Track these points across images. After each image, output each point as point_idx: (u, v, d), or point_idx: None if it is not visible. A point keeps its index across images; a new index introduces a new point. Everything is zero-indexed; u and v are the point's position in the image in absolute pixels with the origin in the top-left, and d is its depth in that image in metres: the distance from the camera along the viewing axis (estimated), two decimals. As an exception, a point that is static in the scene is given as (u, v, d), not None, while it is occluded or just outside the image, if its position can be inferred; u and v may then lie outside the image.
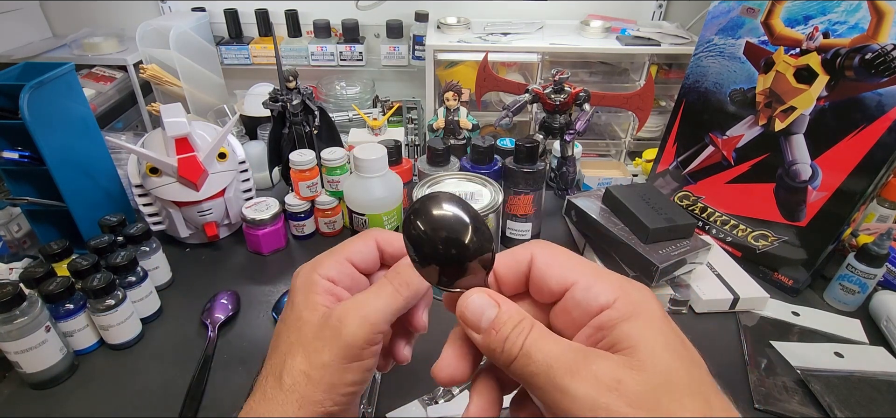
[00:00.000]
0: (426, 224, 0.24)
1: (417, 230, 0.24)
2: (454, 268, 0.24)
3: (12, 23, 1.71)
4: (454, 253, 0.23)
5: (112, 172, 0.75)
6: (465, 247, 0.23)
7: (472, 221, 0.24)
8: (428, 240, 0.24)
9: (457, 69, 1.71)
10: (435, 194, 0.25)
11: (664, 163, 0.79)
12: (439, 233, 0.23)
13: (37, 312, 0.50)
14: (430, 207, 0.24)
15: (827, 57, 0.58)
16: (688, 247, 0.62)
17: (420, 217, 0.24)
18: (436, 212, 0.24)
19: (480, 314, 0.23)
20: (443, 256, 0.24)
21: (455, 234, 0.23)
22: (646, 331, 0.21)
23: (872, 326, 0.63)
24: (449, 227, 0.23)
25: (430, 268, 0.24)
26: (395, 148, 0.68)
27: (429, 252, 0.24)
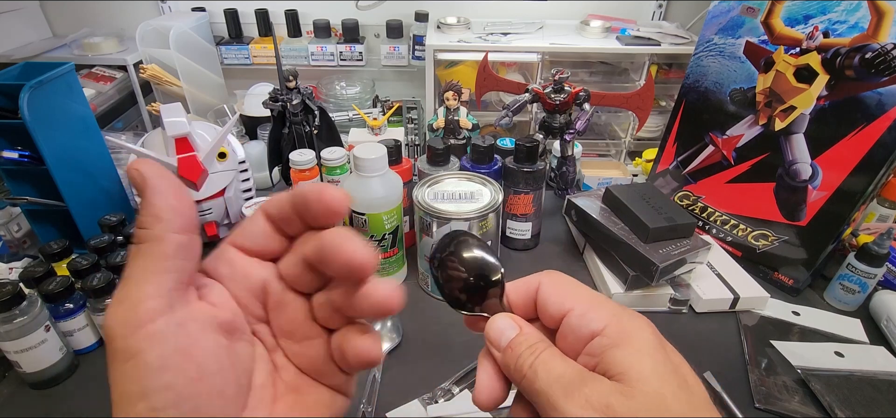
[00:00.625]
0: (455, 264, 0.27)
1: (448, 271, 0.27)
2: (476, 296, 0.27)
3: (12, 23, 1.71)
4: (481, 284, 0.27)
5: (112, 172, 0.75)
6: (488, 280, 0.27)
7: (489, 255, 0.27)
8: (458, 279, 0.27)
9: (457, 69, 1.71)
10: (458, 236, 0.28)
11: (664, 162, 0.79)
12: (467, 273, 0.27)
13: (37, 312, 0.49)
14: (459, 249, 0.27)
15: (827, 56, 0.58)
16: (688, 246, 0.62)
17: (450, 258, 0.27)
18: (465, 254, 0.27)
19: (501, 334, 0.25)
20: (471, 288, 0.27)
21: (479, 271, 0.27)
22: (635, 358, 0.21)
23: (873, 326, 0.63)
24: (475, 266, 0.27)
25: (457, 298, 0.27)
26: (395, 147, 0.67)
27: (458, 288, 0.27)
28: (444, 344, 0.58)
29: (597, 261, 0.68)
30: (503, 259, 0.72)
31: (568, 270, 0.71)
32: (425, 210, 0.58)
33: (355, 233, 0.21)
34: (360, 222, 0.60)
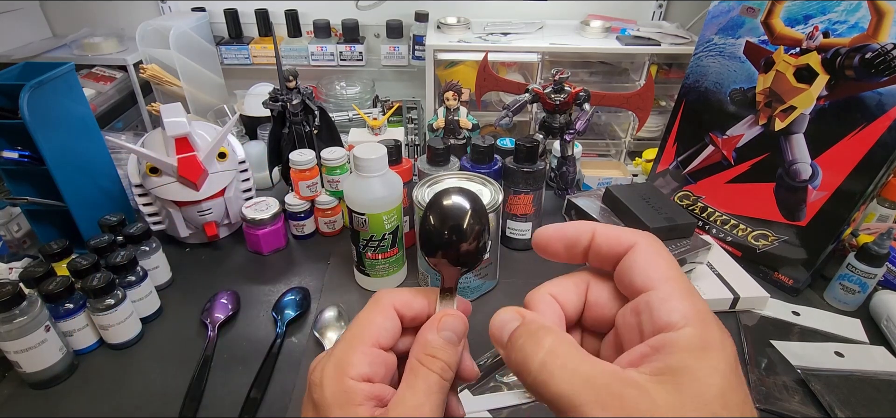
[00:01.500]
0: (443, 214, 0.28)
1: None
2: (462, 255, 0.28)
3: (12, 23, 1.71)
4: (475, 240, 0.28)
5: (112, 172, 0.75)
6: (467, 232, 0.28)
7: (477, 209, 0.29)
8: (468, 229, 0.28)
9: (457, 69, 1.71)
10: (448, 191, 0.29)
11: (664, 162, 0.79)
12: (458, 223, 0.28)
13: (36, 312, 0.50)
14: (441, 200, 0.28)
15: (827, 56, 0.58)
16: (688, 246, 0.62)
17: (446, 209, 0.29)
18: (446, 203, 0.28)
19: (502, 327, 0.24)
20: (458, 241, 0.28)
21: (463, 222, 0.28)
22: (707, 372, 0.19)
23: (873, 326, 0.63)
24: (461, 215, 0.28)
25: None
26: (395, 147, 0.67)
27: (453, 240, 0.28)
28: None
29: (597, 261, 0.68)
30: (504, 259, 0.72)
31: (568, 270, 0.71)
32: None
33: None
34: (360, 222, 0.60)
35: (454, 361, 0.25)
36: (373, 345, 0.26)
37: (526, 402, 0.51)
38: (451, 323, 0.26)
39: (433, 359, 0.25)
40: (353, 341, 0.26)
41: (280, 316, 0.61)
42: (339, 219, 0.78)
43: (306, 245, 0.77)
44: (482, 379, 0.53)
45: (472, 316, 0.29)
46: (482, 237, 0.28)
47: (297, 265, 0.72)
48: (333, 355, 0.26)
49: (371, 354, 0.25)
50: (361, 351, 0.25)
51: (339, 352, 0.25)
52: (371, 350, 0.26)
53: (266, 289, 0.67)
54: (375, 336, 0.26)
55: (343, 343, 0.26)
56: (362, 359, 0.25)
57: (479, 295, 0.64)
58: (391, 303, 0.27)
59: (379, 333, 0.26)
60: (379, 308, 0.27)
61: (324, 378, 0.25)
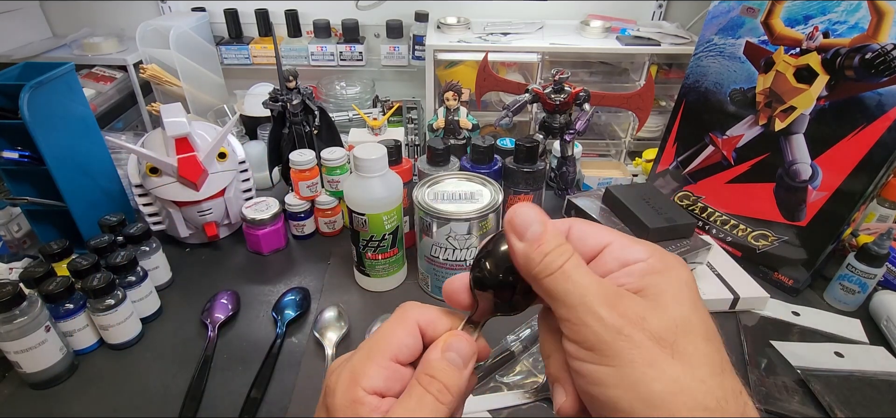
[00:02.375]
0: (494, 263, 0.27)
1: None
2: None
3: (12, 23, 1.71)
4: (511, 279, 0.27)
5: (112, 172, 0.75)
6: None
7: None
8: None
9: (457, 69, 1.71)
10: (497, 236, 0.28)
11: (664, 163, 0.79)
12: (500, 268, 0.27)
13: (37, 312, 0.50)
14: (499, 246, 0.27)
15: (827, 57, 0.58)
16: (688, 246, 0.62)
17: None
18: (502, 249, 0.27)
19: (527, 225, 0.24)
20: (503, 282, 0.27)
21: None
22: (672, 285, 0.23)
23: (872, 326, 0.63)
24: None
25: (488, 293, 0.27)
26: (395, 148, 0.67)
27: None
28: (444, 344, 0.58)
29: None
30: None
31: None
32: (425, 210, 0.59)
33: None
34: (360, 222, 0.60)
35: (455, 384, 0.25)
36: (391, 360, 0.26)
37: (526, 402, 0.51)
38: (457, 345, 0.26)
39: (431, 380, 0.25)
40: (371, 352, 0.26)
41: (280, 316, 0.61)
42: (339, 219, 0.78)
43: (306, 245, 0.77)
44: (482, 379, 0.53)
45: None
46: (530, 295, 0.27)
47: (297, 265, 0.72)
48: (350, 363, 0.26)
49: (388, 369, 0.25)
50: (378, 365, 0.25)
51: (356, 362, 0.25)
52: (388, 364, 0.25)
53: (266, 289, 0.67)
54: (395, 351, 0.26)
55: (362, 353, 0.26)
56: (378, 373, 0.25)
57: (479, 295, 0.64)
58: (416, 320, 0.27)
59: (399, 348, 0.26)
60: (403, 323, 0.27)
61: (338, 385, 0.25)
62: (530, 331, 0.59)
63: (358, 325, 0.61)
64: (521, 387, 0.52)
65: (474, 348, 0.27)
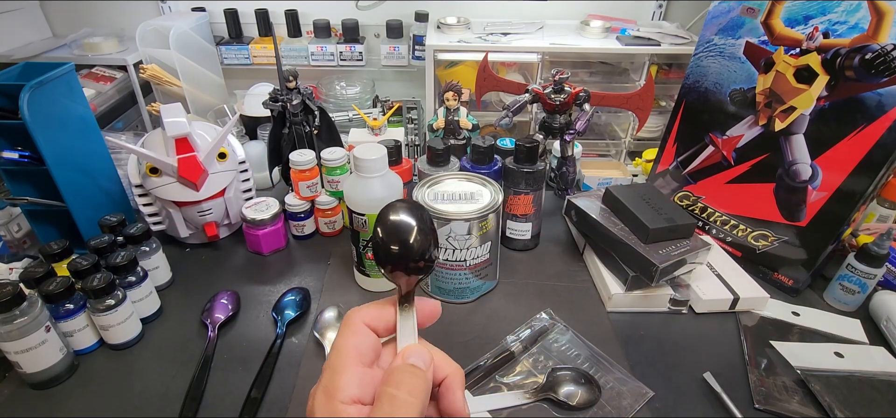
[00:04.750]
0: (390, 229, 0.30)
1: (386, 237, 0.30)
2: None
3: (12, 23, 1.71)
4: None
5: (112, 172, 0.75)
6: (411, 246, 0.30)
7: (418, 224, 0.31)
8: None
9: (457, 69, 1.71)
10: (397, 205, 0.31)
11: (664, 163, 0.79)
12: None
13: (37, 312, 0.50)
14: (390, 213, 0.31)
15: (827, 57, 0.58)
16: (688, 247, 0.62)
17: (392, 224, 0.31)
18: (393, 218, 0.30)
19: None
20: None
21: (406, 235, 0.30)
22: None
23: (872, 326, 0.63)
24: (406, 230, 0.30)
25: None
26: (395, 148, 0.68)
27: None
28: (443, 344, 0.58)
29: (597, 262, 0.68)
30: (503, 259, 0.72)
31: (568, 271, 0.71)
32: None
33: None
34: (360, 223, 0.60)
35: (420, 387, 0.26)
36: (356, 366, 0.27)
37: (526, 402, 0.51)
38: (414, 351, 0.28)
39: (396, 390, 0.26)
40: (335, 366, 0.27)
41: (280, 316, 0.61)
42: (339, 219, 0.78)
43: (306, 245, 0.77)
44: (482, 379, 0.53)
45: (471, 315, 0.30)
46: (429, 249, 0.30)
47: (297, 265, 0.72)
48: (321, 384, 0.27)
49: (357, 375, 0.26)
50: (346, 375, 0.26)
51: (326, 381, 0.26)
52: (356, 370, 0.27)
53: (266, 290, 0.67)
54: (355, 356, 0.27)
55: (328, 371, 0.27)
56: (350, 382, 0.26)
57: (479, 295, 0.64)
58: (361, 320, 0.29)
59: (358, 353, 0.27)
60: (351, 329, 0.28)
61: (314, 407, 0.26)
62: (530, 331, 0.59)
63: (358, 325, 0.61)
64: (521, 388, 0.52)
65: (430, 354, 0.28)
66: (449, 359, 0.30)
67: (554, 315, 0.62)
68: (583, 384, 0.52)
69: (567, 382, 0.52)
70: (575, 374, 0.53)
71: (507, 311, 0.63)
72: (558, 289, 0.68)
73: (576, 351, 0.57)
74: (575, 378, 0.53)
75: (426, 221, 0.31)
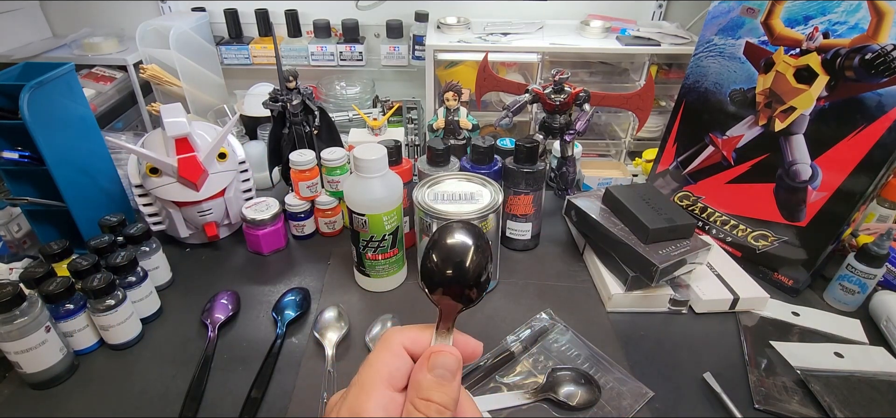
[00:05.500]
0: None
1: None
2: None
3: (12, 23, 1.71)
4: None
5: (112, 172, 0.75)
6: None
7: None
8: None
9: (457, 69, 1.71)
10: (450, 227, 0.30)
11: (664, 163, 0.79)
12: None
13: (37, 312, 0.50)
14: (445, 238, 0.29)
15: (827, 57, 0.58)
16: (688, 247, 0.62)
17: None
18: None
19: None
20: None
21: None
22: None
23: (872, 326, 0.63)
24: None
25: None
26: (395, 148, 0.67)
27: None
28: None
29: (597, 262, 0.68)
30: (503, 259, 0.72)
31: (568, 271, 0.71)
32: (425, 211, 0.59)
33: None
34: (360, 223, 0.60)
35: (450, 399, 0.26)
36: (386, 388, 0.26)
37: (526, 403, 0.51)
38: (442, 361, 0.27)
39: (428, 403, 0.25)
40: (365, 385, 0.26)
41: (280, 316, 0.61)
42: (339, 219, 0.78)
43: (306, 245, 0.77)
44: (482, 379, 0.53)
45: (471, 315, 0.29)
46: (485, 274, 0.29)
47: (297, 265, 0.72)
48: (347, 400, 0.26)
49: (385, 398, 0.26)
50: (375, 397, 0.26)
51: (353, 398, 0.26)
52: (384, 393, 0.26)
53: (266, 290, 0.67)
54: (387, 378, 0.26)
55: (356, 387, 0.26)
56: (377, 405, 0.25)
57: (479, 295, 0.64)
58: (401, 343, 0.28)
59: (391, 374, 0.27)
60: (390, 349, 0.28)
61: None
62: (530, 331, 0.59)
63: (358, 326, 0.61)
64: (521, 388, 0.52)
65: (459, 359, 0.27)
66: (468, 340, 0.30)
67: (554, 315, 0.62)
68: (583, 384, 0.52)
69: (567, 382, 0.52)
70: (575, 374, 0.53)
71: (507, 311, 0.63)
72: (558, 289, 0.68)
73: (576, 352, 0.57)
74: (575, 378, 0.53)
75: (484, 244, 0.29)
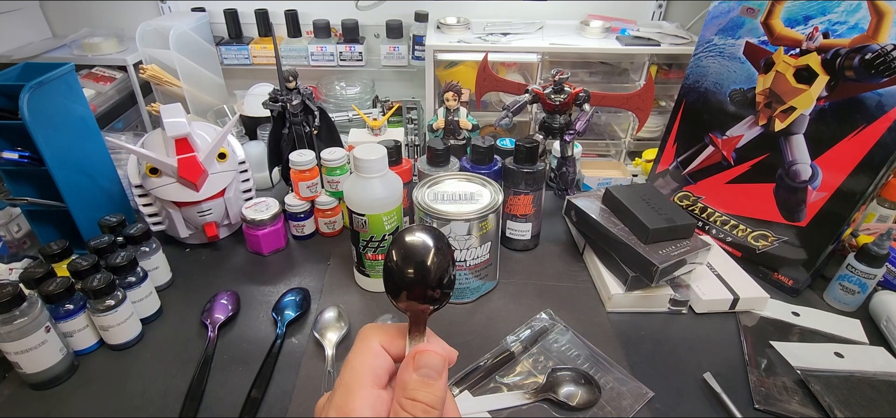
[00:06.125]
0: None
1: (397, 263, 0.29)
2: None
3: (12, 23, 1.71)
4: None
5: (112, 172, 0.75)
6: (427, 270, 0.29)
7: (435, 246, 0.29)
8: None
9: (457, 69, 1.71)
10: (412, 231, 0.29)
11: (664, 163, 0.79)
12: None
13: (37, 313, 0.50)
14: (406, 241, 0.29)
15: (827, 57, 0.58)
16: (688, 247, 0.62)
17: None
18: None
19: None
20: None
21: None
22: None
23: (872, 326, 0.63)
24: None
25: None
26: (395, 148, 0.68)
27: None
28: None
29: (596, 262, 0.68)
30: (503, 259, 0.72)
31: (568, 271, 0.71)
32: (425, 211, 0.59)
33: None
34: (360, 223, 0.60)
35: (436, 398, 0.26)
36: (371, 387, 0.26)
37: (526, 403, 0.51)
38: (426, 360, 0.27)
39: (415, 403, 0.25)
40: (351, 385, 0.26)
41: (280, 316, 0.61)
42: (339, 219, 0.78)
43: (306, 245, 0.77)
44: (482, 379, 0.53)
45: (471, 316, 0.29)
46: (447, 274, 0.29)
47: (297, 265, 0.72)
48: (334, 401, 0.26)
49: (371, 397, 0.26)
50: (361, 397, 0.26)
51: (339, 399, 0.26)
52: (371, 392, 0.26)
53: (266, 290, 0.67)
54: (371, 377, 0.27)
55: (341, 389, 0.26)
56: (364, 404, 0.26)
57: (479, 295, 0.64)
58: (378, 342, 0.28)
59: (375, 374, 0.27)
60: (370, 349, 0.28)
61: None
62: (530, 332, 0.59)
63: (358, 326, 0.61)
64: (521, 388, 0.52)
65: (443, 357, 0.27)
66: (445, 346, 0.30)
67: (554, 315, 0.62)
68: (583, 384, 0.52)
69: (567, 382, 0.52)
70: (575, 374, 0.53)
71: (507, 311, 0.63)
72: (558, 289, 0.68)
73: (576, 352, 0.57)
74: (575, 378, 0.53)
75: (444, 244, 0.29)
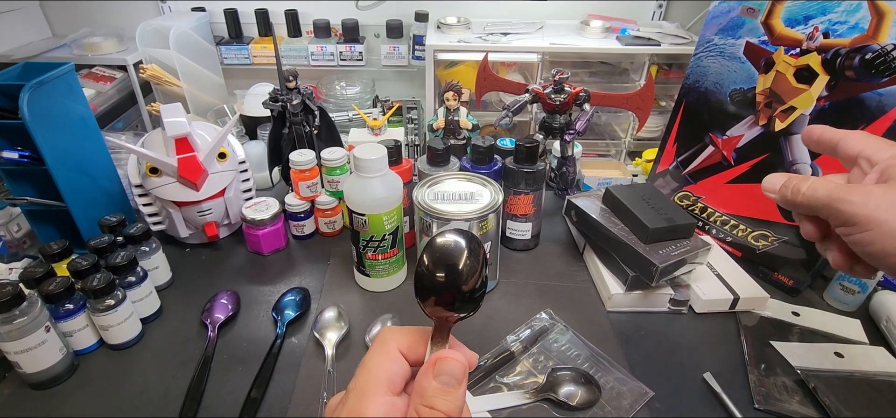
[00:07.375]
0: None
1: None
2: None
3: (12, 23, 1.71)
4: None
5: (112, 172, 0.75)
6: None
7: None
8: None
9: (457, 69, 1.71)
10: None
11: (664, 163, 0.79)
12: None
13: (37, 312, 0.49)
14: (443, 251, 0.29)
15: (827, 57, 0.58)
16: (688, 247, 0.62)
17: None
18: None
19: (774, 182, 0.41)
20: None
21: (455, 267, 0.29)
22: None
23: (872, 326, 0.63)
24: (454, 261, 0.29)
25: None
26: (395, 148, 0.67)
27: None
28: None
29: (597, 262, 0.68)
30: (503, 259, 0.72)
31: (568, 271, 0.71)
32: (425, 210, 0.59)
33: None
34: (360, 223, 0.60)
35: (455, 407, 0.25)
36: (386, 393, 0.26)
37: (526, 403, 0.51)
38: (448, 367, 0.26)
39: (432, 410, 0.25)
40: (365, 390, 0.26)
41: (280, 316, 0.61)
42: (339, 219, 0.78)
43: (306, 245, 0.77)
44: (482, 379, 0.53)
45: (471, 316, 0.29)
46: (479, 281, 0.28)
47: (297, 265, 0.72)
48: (347, 405, 0.26)
49: (385, 403, 0.26)
50: (375, 403, 0.25)
51: (353, 402, 0.25)
52: (385, 398, 0.26)
53: (266, 290, 0.67)
54: (387, 383, 0.26)
55: (355, 392, 0.26)
56: (377, 409, 0.25)
57: (479, 295, 0.64)
58: (397, 347, 0.28)
59: (390, 379, 0.26)
60: (387, 354, 0.27)
61: None
62: (530, 331, 0.59)
63: (358, 325, 0.61)
64: (521, 388, 0.52)
65: (464, 365, 0.27)
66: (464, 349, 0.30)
67: (554, 315, 0.62)
68: (583, 384, 0.52)
69: (567, 382, 0.52)
70: (575, 374, 0.53)
71: (507, 311, 0.63)
72: (558, 289, 0.68)
73: (576, 351, 0.57)
74: (575, 378, 0.53)
75: (478, 249, 0.28)
